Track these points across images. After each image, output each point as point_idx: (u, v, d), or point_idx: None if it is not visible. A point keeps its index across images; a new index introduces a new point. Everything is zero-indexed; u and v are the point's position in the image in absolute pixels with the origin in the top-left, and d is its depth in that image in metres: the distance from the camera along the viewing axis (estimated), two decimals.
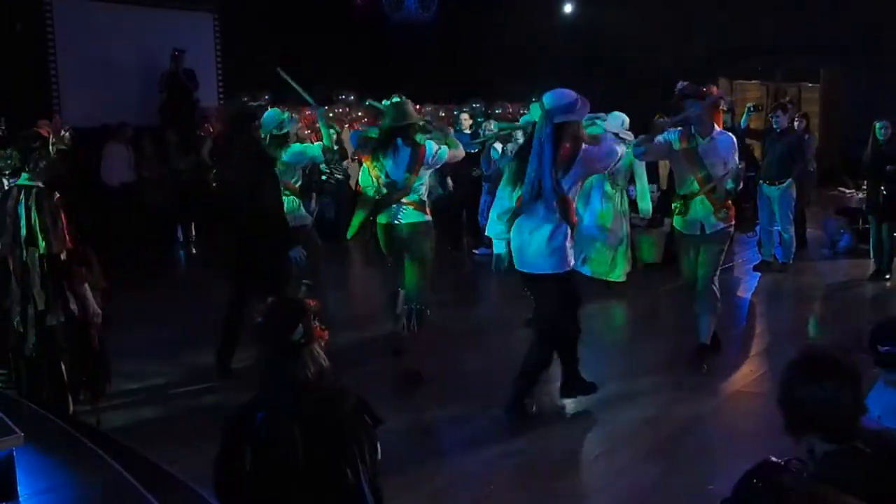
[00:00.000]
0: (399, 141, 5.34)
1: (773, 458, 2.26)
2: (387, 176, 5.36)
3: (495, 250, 4.88)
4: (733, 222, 5.60)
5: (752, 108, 9.30)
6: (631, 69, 13.01)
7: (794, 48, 14.12)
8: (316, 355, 2.49)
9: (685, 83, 5.58)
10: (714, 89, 5.49)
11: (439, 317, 5.53)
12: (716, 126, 5.51)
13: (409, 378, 5.42)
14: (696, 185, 5.44)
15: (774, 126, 8.65)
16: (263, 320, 2.54)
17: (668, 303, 7.35)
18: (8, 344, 4.49)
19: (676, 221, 5.71)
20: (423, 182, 5.44)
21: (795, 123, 9.45)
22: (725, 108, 5.67)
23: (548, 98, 4.48)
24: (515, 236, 4.70)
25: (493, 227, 4.83)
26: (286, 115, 5.99)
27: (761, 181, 8.78)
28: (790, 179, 8.58)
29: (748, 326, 7.11)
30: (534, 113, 4.58)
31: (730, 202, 5.53)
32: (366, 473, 2.45)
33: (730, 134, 5.64)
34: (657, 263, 8.77)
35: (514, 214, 4.66)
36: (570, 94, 4.51)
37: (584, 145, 4.58)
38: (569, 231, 4.59)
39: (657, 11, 13.50)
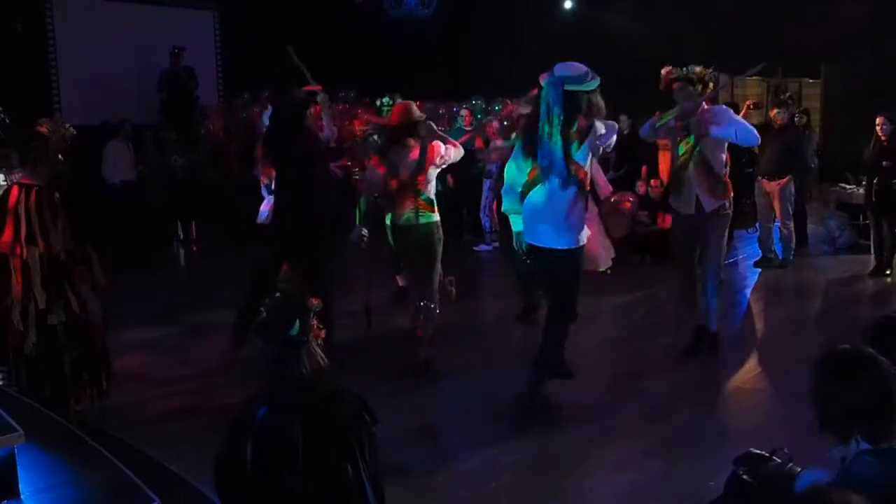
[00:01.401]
0: (408, 140, 5.33)
1: (755, 450, 2.25)
2: (396, 174, 5.34)
3: (514, 228, 4.84)
4: (731, 195, 5.58)
5: (751, 108, 9.28)
6: (631, 68, 12.98)
7: (795, 45, 14.09)
8: (313, 352, 2.50)
9: (670, 68, 5.59)
10: (698, 70, 5.50)
11: (440, 314, 5.53)
12: (704, 104, 5.47)
13: (418, 370, 5.47)
14: (682, 150, 5.44)
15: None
16: (264, 316, 2.55)
17: (666, 297, 7.33)
18: (9, 342, 4.50)
19: (673, 200, 5.68)
20: (432, 181, 5.41)
21: (795, 119, 9.45)
22: (722, 87, 5.69)
23: (559, 68, 4.49)
24: (529, 208, 4.63)
25: (508, 203, 4.80)
26: None
27: (761, 177, 8.79)
28: (789, 175, 8.59)
29: (748, 323, 7.11)
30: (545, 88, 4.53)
31: (727, 178, 5.53)
32: (366, 470, 2.46)
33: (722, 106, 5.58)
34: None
35: (528, 187, 4.62)
36: (580, 65, 4.53)
37: (595, 119, 4.54)
38: (583, 205, 4.57)
39: (657, 10, 13.48)
